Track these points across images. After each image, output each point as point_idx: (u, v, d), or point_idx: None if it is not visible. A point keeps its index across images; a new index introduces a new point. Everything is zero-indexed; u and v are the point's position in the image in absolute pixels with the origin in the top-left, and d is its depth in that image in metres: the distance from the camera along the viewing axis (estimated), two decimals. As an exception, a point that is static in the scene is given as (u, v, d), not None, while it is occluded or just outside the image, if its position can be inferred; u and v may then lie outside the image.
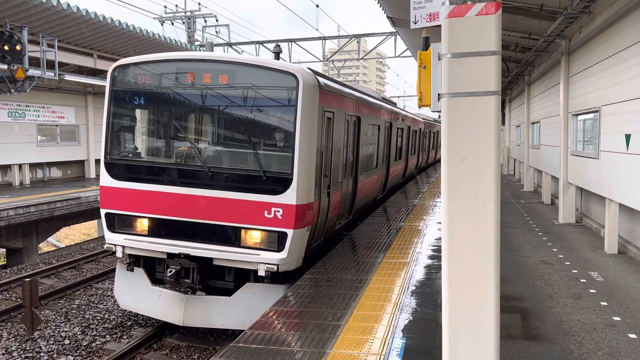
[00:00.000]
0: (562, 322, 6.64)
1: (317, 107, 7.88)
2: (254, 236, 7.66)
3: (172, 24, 29.19)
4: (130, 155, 8.63)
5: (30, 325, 8.84)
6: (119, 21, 19.64)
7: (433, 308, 6.51)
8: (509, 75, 22.98)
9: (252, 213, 7.58)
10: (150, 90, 8.27)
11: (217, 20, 28.75)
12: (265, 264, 7.49)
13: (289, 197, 7.47)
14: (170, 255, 7.98)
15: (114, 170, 8.36)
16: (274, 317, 6.15)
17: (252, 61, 8.03)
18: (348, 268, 8.22)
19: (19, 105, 20.36)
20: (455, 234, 3.60)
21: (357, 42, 27.21)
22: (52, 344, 8.66)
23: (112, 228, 8.40)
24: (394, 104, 19.59)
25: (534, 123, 21.73)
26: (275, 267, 7.49)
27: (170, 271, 7.78)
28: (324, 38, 27.25)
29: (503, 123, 34.03)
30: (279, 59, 9.62)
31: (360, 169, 11.68)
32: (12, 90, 16.77)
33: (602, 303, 7.41)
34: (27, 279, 8.94)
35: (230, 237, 7.73)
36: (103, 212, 8.42)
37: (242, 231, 7.67)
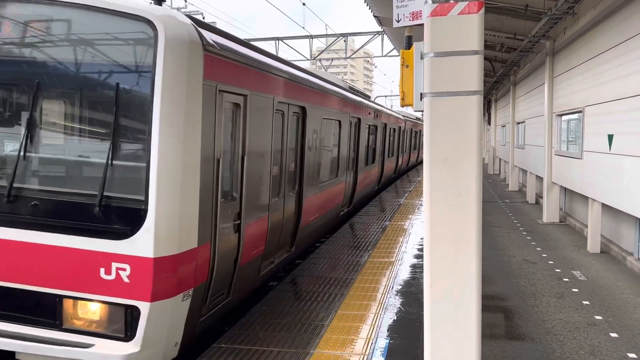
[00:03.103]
0: (545, 321, 6.68)
1: (201, 82, 4.84)
2: (87, 311, 4.59)
3: (158, 21, 28.94)
4: None
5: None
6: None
7: (417, 307, 6.51)
8: (494, 75, 23.12)
9: (79, 271, 4.48)
10: None
11: (203, 18, 28.60)
12: None
13: (142, 243, 4.38)
14: None
15: None
16: None
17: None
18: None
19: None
20: (437, 234, 3.59)
21: (344, 41, 27.20)
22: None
23: None
24: (367, 97, 16.39)
25: (519, 123, 21.89)
26: None
27: None
28: (311, 37, 27.21)
29: (489, 123, 34.26)
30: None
31: (307, 181, 8.63)
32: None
33: (585, 302, 7.47)
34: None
35: (45, 312, 4.60)
36: None
37: (65, 303, 4.57)
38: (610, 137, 9.68)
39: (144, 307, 4.42)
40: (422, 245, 10.05)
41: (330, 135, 10.51)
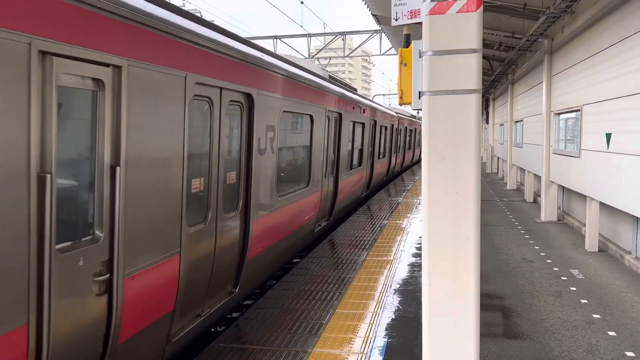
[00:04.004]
0: (543, 320, 6.68)
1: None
2: None
3: (156, 19, 28.87)
4: None
5: None
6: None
7: (416, 306, 6.51)
8: (492, 74, 23.13)
9: None
10: None
11: (201, 16, 28.55)
12: None
13: None
14: None
15: None
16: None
17: None
18: None
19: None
20: (436, 233, 3.58)
21: (343, 40, 27.18)
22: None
23: None
24: (353, 89, 14.55)
25: (517, 122, 21.90)
26: None
27: None
28: (309, 35, 27.19)
29: (487, 121, 34.27)
30: None
31: (258, 196, 6.48)
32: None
33: (582, 301, 7.47)
34: None
35: None
36: None
37: None
38: (608, 136, 9.68)
39: None
40: (420, 244, 10.05)
41: (295, 133, 8.31)
